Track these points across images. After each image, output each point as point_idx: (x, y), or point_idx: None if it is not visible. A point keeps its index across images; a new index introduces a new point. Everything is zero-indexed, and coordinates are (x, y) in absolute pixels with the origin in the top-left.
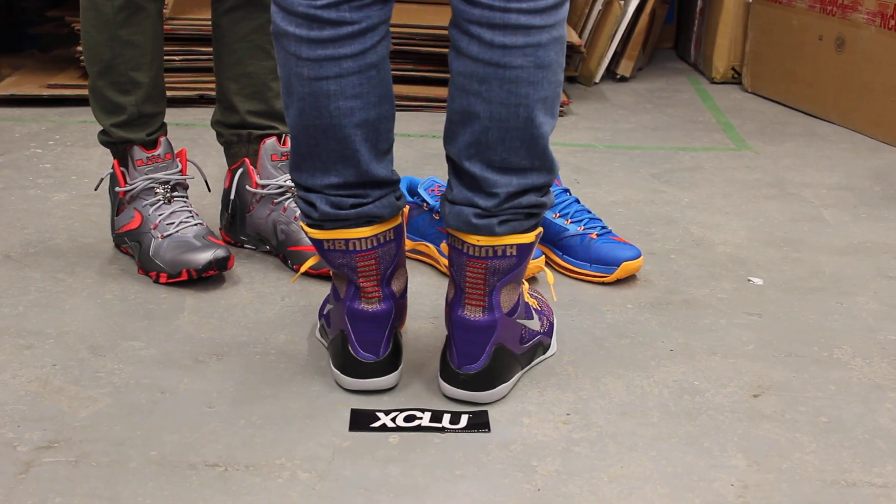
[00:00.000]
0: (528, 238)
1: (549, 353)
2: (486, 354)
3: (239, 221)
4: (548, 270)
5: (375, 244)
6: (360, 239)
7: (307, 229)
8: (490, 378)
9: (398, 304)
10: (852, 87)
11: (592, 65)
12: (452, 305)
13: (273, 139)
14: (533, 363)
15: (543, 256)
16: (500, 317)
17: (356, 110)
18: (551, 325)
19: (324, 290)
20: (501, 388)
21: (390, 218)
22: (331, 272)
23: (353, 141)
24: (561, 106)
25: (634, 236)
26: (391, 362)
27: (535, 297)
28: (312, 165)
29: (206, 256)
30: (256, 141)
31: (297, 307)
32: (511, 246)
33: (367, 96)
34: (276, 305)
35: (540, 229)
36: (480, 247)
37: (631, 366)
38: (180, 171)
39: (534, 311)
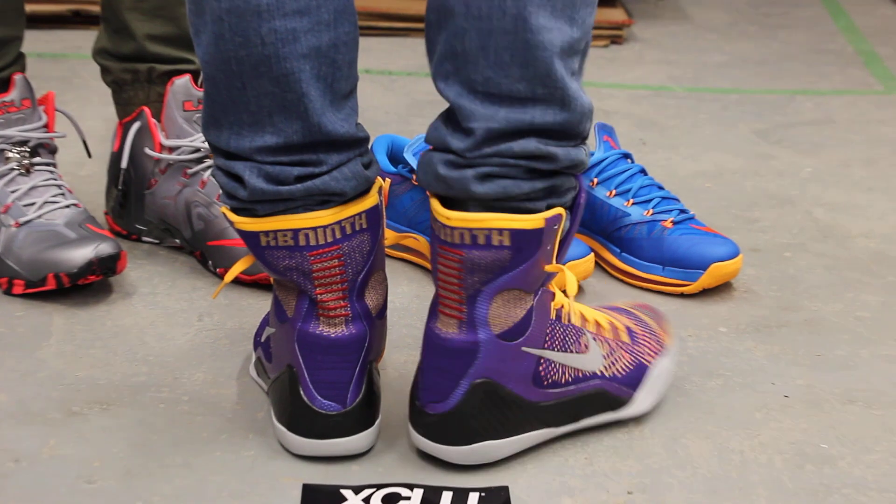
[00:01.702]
0: (529, 222)
1: (627, 412)
2: (461, 391)
3: (135, 202)
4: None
5: (339, 236)
6: (314, 229)
7: (233, 217)
8: (464, 428)
9: (374, 327)
10: None
11: None
12: (429, 314)
13: (186, 78)
14: (582, 423)
15: (592, 255)
16: (488, 339)
17: (301, 34)
18: (642, 367)
19: (261, 305)
20: (485, 449)
21: (357, 196)
22: (272, 280)
23: (297, 80)
24: (618, 28)
25: (730, 224)
26: (364, 414)
27: (616, 316)
28: (238, 119)
29: (83, 254)
30: (162, 81)
31: (221, 331)
32: (499, 232)
33: (317, 12)
34: (191, 329)
35: (560, 210)
36: (452, 228)
37: (725, 420)
38: (45, 125)
39: (592, 340)
